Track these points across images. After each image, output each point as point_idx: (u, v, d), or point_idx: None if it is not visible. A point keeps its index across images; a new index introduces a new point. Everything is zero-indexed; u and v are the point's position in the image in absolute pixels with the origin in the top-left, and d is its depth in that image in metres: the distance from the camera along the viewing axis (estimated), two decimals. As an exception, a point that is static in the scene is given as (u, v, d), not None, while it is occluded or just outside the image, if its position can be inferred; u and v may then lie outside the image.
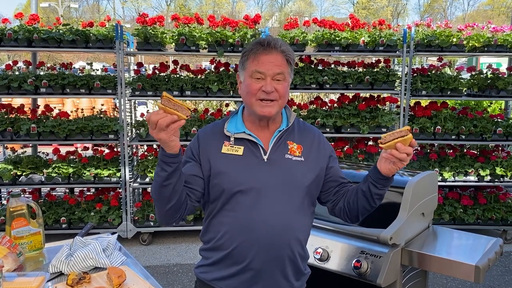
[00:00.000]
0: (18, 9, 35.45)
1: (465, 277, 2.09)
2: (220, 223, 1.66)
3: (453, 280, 4.07)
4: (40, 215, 2.10)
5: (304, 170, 1.68)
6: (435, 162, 5.02)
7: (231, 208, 1.63)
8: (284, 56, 1.63)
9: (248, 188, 1.61)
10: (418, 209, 2.34)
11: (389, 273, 2.11)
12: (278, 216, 1.63)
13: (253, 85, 1.61)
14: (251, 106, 1.64)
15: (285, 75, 1.63)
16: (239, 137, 1.68)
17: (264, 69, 1.60)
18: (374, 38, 4.81)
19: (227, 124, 1.72)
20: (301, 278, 1.76)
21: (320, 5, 55.07)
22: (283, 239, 1.64)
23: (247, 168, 1.63)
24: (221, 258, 1.67)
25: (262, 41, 1.63)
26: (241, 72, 1.69)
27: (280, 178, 1.64)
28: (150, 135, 4.66)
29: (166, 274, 4.25)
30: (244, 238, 1.62)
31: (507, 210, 4.91)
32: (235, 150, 1.66)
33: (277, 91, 1.61)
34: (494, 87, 4.90)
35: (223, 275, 1.67)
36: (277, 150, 1.68)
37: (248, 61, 1.63)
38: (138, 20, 4.79)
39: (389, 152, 1.48)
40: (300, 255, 1.72)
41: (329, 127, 4.79)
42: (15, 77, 4.62)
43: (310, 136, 1.77)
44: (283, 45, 1.64)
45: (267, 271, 1.64)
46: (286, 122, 1.74)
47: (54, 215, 4.73)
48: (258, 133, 1.70)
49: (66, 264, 1.83)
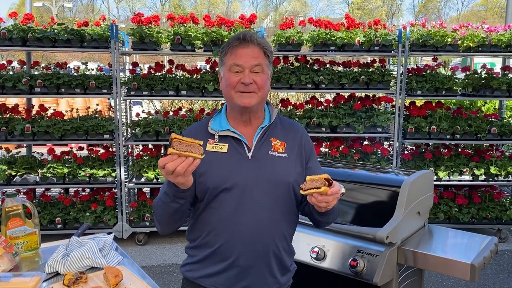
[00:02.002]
0: (12, 9, 35.25)
1: (461, 276, 2.11)
2: (206, 221, 1.67)
3: (449, 278, 4.09)
4: (36, 215, 2.09)
5: (288, 167, 1.69)
6: (430, 162, 5.05)
7: (216, 206, 1.64)
8: (261, 48, 1.65)
9: (232, 185, 1.62)
10: (414, 208, 2.36)
11: (385, 272, 2.12)
12: (263, 213, 1.64)
13: (232, 78, 1.63)
14: (231, 99, 1.66)
15: (263, 67, 1.65)
16: (223, 135, 1.69)
17: (242, 61, 1.61)
18: (370, 38, 4.82)
19: (211, 122, 1.73)
20: (287, 273, 1.77)
21: (315, 5, 55.08)
22: (268, 235, 1.65)
23: (232, 166, 1.64)
24: (207, 255, 1.68)
25: (239, 36, 1.65)
26: (220, 68, 1.71)
27: (265, 175, 1.65)
28: (145, 135, 4.68)
29: (161, 274, 4.24)
30: (230, 235, 1.64)
31: (501, 209, 4.95)
32: (220, 147, 1.66)
33: (256, 83, 1.63)
34: (489, 87, 4.93)
35: (209, 273, 1.68)
36: (261, 147, 1.69)
37: (226, 56, 1.66)
38: (133, 19, 4.77)
39: (309, 198, 1.51)
40: (286, 251, 1.73)
41: (324, 126, 4.80)
42: (9, 76, 4.59)
43: (293, 132, 1.78)
44: (260, 38, 1.67)
45: (253, 268, 1.65)
46: (269, 119, 1.75)
47: (49, 215, 4.70)
48: (242, 130, 1.71)
49: (63, 264, 1.82)
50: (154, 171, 4.80)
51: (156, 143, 4.91)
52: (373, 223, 2.23)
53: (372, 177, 2.58)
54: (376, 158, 4.92)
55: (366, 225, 2.25)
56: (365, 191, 2.42)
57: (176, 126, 4.75)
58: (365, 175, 2.63)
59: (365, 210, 2.41)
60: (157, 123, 4.78)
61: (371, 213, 2.37)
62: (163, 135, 4.72)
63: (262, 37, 1.69)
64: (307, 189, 1.49)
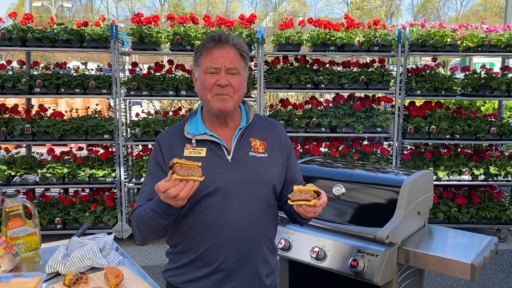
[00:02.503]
0: (11, 8, 35.20)
1: (461, 276, 2.11)
2: (188, 226, 1.64)
3: (448, 278, 4.10)
4: (36, 215, 2.09)
5: (269, 167, 1.68)
6: (429, 162, 5.05)
7: (199, 211, 1.62)
8: (237, 50, 1.62)
9: (214, 190, 1.59)
10: (414, 208, 2.36)
11: (386, 272, 2.12)
12: (247, 215, 1.62)
13: (207, 80, 1.60)
14: (207, 102, 1.63)
15: (239, 69, 1.62)
16: (200, 139, 1.65)
17: (218, 63, 1.58)
18: (369, 38, 4.82)
19: (187, 126, 1.69)
20: (272, 275, 1.76)
21: (314, 5, 55.12)
22: (253, 237, 1.64)
23: (212, 170, 1.58)
24: (191, 261, 1.66)
25: (214, 36, 1.61)
26: (195, 68, 1.67)
27: (246, 177, 1.63)
28: (145, 135, 4.68)
29: (161, 274, 4.23)
30: (214, 240, 1.61)
31: (501, 209, 4.95)
32: (198, 152, 1.62)
33: (232, 85, 1.60)
34: (488, 87, 4.94)
35: (194, 277, 1.66)
36: (240, 149, 1.66)
37: (201, 57, 1.62)
38: (133, 19, 4.77)
39: (297, 208, 1.51)
40: (270, 250, 1.73)
41: (324, 126, 4.80)
42: (9, 76, 4.59)
43: (272, 132, 1.75)
44: (235, 39, 1.62)
45: (239, 271, 1.64)
46: (246, 119, 1.73)
47: (49, 215, 4.70)
48: (219, 132, 1.67)
49: (63, 264, 1.82)
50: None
51: (155, 143, 4.90)
52: (373, 223, 2.23)
53: (372, 177, 2.58)
54: (375, 158, 4.92)
55: (366, 225, 2.25)
56: (365, 191, 2.42)
57: (175, 126, 4.74)
58: (365, 175, 2.63)
59: (365, 210, 2.41)
60: (157, 123, 4.78)
61: (371, 213, 2.37)
62: (162, 135, 4.71)
63: (238, 38, 1.65)
64: (296, 200, 1.49)
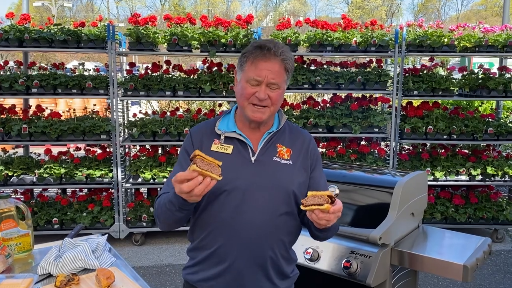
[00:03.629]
0: (11, 8, 35.22)
1: (454, 277, 2.11)
2: (205, 222, 1.68)
3: (444, 278, 4.09)
4: (29, 216, 2.09)
5: (291, 174, 1.68)
6: (426, 162, 5.05)
7: (216, 208, 1.64)
8: (283, 63, 1.62)
9: (233, 188, 1.62)
10: (408, 209, 2.36)
11: (379, 273, 2.12)
12: (261, 218, 1.63)
13: (248, 89, 1.62)
14: (243, 108, 1.66)
15: (280, 84, 1.63)
16: (229, 136, 1.69)
17: (261, 76, 1.59)
18: (366, 39, 4.82)
19: (219, 123, 1.74)
20: (287, 279, 1.76)
21: (314, 4, 55.17)
22: (265, 240, 1.65)
23: (234, 168, 1.63)
24: (205, 257, 1.68)
25: (262, 46, 1.61)
26: (238, 71, 1.68)
27: (266, 180, 1.64)
28: (142, 135, 4.68)
29: (158, 274, 4.24)
30: (227, 237, 1.64)
31: (498, 209, 4.95)
32: (224, 148, 1.66)
33: (270, 98, 1.62)
34: (485, 87, 4.93)
35: (207, 276, 1.68)
36: (265, 152, 1.68)
37: (246, 64, 1.63)
38: (130, 20, 4.78)
39: (310, 215, 1.48)
40: (284, 257, 1.72)
41: (321, 127, 4.80)
42: (6, 77, 4.59)
43: (300, 140, 1.76)
44: (284, 52, 1.62)
45: (249, 272, 1.65)
46: (277, 125, 1.75)
47: (46, 215, 4.70)
48: (249, 133, 1.70)
49: (55, 265, 1.82)
50: (151, 172, 4.80)
51: (153, 143, 4.91)
52: (367, 224, 2.23)
53: (366, 178, 2.58)
54: (373, 159, 4.92)
55: (360, 226, 2.26)
56: (359, 192, 2.42)
57: (173, 126, 4.75)
58: (359, 176, 2.63)
59: (359, 211, 2.41)
60: (154, 123, 4.78)
61: (364, 214, 2.38)
62: (160, 136, 4.72)
63: (287, 50, 1.64)
64: (309, 205, 1.46)
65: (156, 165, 4.91)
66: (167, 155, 5.09)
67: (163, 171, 4.83)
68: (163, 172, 4.82)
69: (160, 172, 4.82)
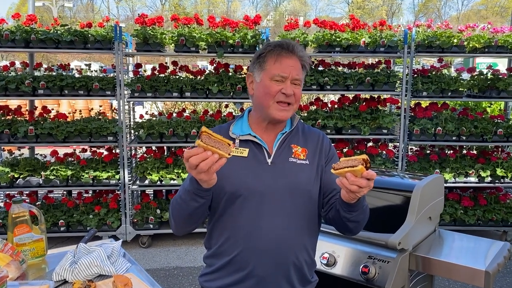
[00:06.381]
0: (12, 8, 35.20)
1: (475, 283, 2.07)
2: (223, 227, 1.64)
3: (455, 282, 4.06)
4: (43, 221, 2.05)
5: (309, 174, 1.65)
6: (435, 163, 5.01)
7: (234, 213, 1.61)
8: (301, 61, 1.65)
9: (251, 192, 1.59)
10: (426, 213, 2.32)
11: (398, 278, 2.09)
12: (283, 222, 1.60)
13: (273, 87, 1.60)
14: (267, 108, 1.62)
15: (301, 80, 1.66)
16: (244, 139, 1.66)
17: (286, 72, 1.60)
18: (375, 39, 4.79)
19: (233, 127, 1.71)
20: (308, 285, 1.73)
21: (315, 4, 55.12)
22: (288, 245, 1.61)
23: (251, 172, 1.61)
24: (224, 264, 1.64)
25: (283, 44, 1.64)
26: (257, 72, 1.66)
27: (284, 182, 1.61)
28: (149, 137, 4.65)
29: (166, 277, 4.21)
30: (247, 244, 1.59)
31: (508, 211, 4.91)
32: (240, 152, 1.64)
33: (295, 95, 1.62)
34: (494, 88, 4.90)
35: (226, 283, 1.64)
36: (281, 154, 1.66)
37: (267, 63, 1.62)
38: (137, 20, 4.74)
39: (340, 180, 1.40)
40: (307, 263, 1.68)
41: (329, 128, 4.77)
42: (12, 78, 4.55)
43: (314, 139, 1.74)
44: (300, 51, 1.66)
45: (271, 278, 1.60)
46: (290, 125, 1.73)
47: (53, 218, 4.67)
48: (263, 135, 1.68)
49: (71, 272, 1.79)
50: (158, 173, 4.77)
51: (160, 145, 4.87)
52: (385, 228, 2.19)
53: (383, 181, 2.54)
54: (381, 160, 4.89)
55: (377, 231, 2.21)
56: (376, 196, 2.38)
57: (180, 127, 4.71)
58: (375, 180, 2.59)
59: (376, 216, 2.36)
60: (161, 125, 4.75)
61: (382, 219, 2.34)
62: (167, 137, 4.68)
63: (302, 49, 1.68)
64: (340, 168, 1.37)
65: (163, 167, 4.87)
66: (174, 156, 5.05)
67: (170, 173, 4.79)
68: (170, 174, 4.78)
69: (167, 173, 4.78)
